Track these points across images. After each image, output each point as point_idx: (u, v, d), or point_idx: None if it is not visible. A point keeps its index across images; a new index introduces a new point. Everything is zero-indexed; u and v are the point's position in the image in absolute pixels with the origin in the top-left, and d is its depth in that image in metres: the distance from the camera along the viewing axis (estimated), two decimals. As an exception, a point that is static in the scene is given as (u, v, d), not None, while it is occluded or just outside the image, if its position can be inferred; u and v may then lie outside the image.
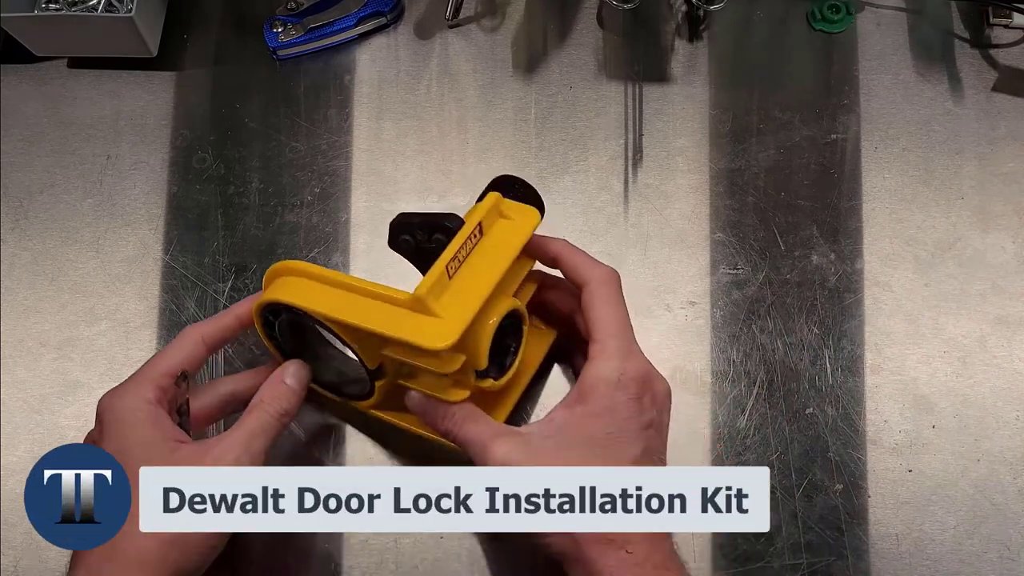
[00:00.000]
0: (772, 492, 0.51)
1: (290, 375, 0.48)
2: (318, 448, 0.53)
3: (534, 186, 0.51)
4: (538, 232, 0.49)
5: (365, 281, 0.46)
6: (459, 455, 0.46)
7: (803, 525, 0.51)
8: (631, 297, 0.49)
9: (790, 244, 0.57)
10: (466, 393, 0.46)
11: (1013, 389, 0.54)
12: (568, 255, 0.48)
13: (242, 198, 0.59)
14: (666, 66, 0.62)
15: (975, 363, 0.54)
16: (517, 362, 0.48)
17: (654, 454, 0.44)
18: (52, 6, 0.61)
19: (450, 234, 0.46)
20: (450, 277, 0.44)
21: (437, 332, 0.42)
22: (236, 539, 0.50)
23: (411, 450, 0.53)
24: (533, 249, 0.49)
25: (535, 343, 0.52)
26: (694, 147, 0.60)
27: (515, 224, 0.48)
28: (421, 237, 0.50)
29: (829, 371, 0.54)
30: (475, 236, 0.46)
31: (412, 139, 0.60)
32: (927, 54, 0.62)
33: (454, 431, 0.45)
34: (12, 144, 0.61)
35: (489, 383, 0.46)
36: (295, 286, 0.47)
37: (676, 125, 0.60)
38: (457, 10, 0.61)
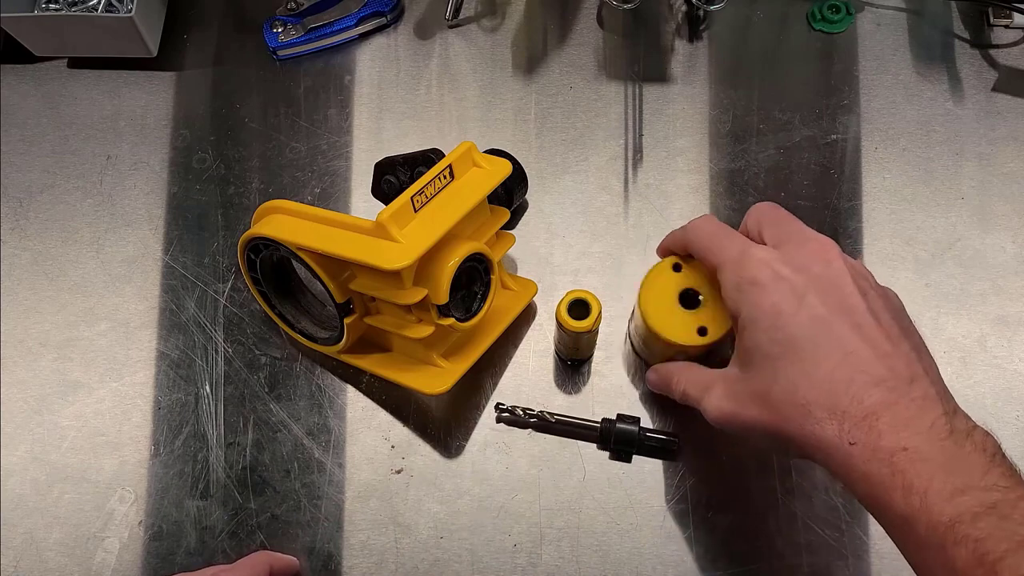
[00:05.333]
0: (773, 492, 0.51)
1: None
2: (319, 448, 0.53)
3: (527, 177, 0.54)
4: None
5: (338, 213, 0.48)
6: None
7: (803, 525, 0.51)
8: (631, 298, 0.49)
9: (790, 244, 0.57)
10: (430, 330, 0.48)
11: (1013, 389, 0.53)
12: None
13: (242, 198, 0.59)
14: (666, 66, 0.62)
15: (975, 363, 0.54)
16: (484, 310, 0.49)
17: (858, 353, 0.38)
18: (52, 6, 0.61)
19: (432, 165, 0.48)
20: (416, 210, 0.46)
21: (395, 255, 0.44)
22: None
23: (410, 449, 0.53)
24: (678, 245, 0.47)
25: (509, 300, 0.54)
26: (694, 147, 0.60)
27: (486, 172, 0.49)
28: (403, 176, 0.52)
29: (829, 371, 0.54)
30: (445, 177, 0.48)
31: (412, 139, 0.60)
32: (927, 54, 0.62)
33: (686, 394, 0.46)
34: (12, 144, 0.61)
35: (451, 322, 0.48)
36: (276, 222, 0.50)
37: (676, 125, 0.60)
38: (457, 10, 0.61)
